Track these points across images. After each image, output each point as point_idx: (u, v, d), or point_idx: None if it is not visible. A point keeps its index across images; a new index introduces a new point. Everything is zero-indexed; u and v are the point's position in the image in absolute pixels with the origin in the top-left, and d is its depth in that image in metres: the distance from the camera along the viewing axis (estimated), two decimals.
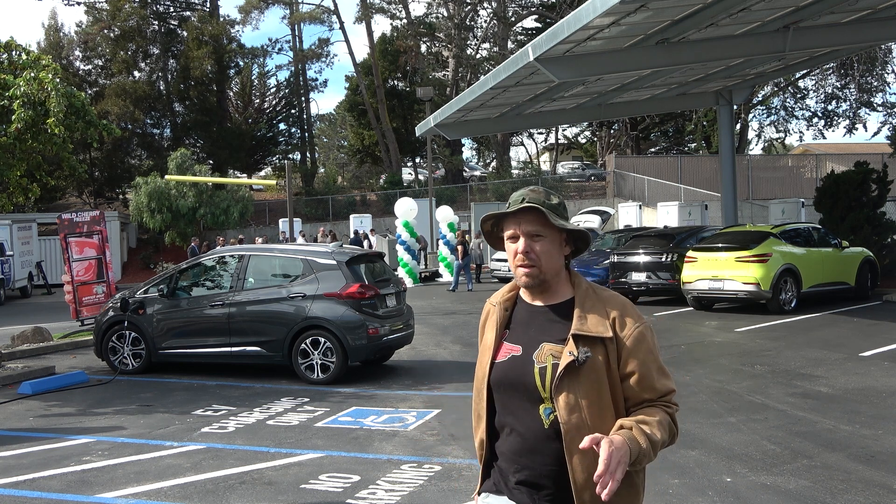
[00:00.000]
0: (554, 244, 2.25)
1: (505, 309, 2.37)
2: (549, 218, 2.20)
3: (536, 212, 2.22)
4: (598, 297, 2.27)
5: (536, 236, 2.23)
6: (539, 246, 2.23)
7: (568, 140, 52.41)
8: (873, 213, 18.33)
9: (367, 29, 41.24)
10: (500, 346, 2.31)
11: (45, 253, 29.08)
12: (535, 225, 2.22)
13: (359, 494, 5.39)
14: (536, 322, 2.28)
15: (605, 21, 11.88)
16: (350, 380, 9.41)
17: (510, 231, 2.27)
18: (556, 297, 2.30)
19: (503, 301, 2.38)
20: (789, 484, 5.35)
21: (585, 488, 2.12)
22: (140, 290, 10.46)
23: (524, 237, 2.23)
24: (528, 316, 2.31)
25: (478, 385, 2.35)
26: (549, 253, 2.24)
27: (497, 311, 2.37)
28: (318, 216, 36.58)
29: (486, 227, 2.37)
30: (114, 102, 36.15)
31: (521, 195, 2.25)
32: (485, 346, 2.37)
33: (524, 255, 2.23)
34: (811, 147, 46.23)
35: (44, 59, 10.67)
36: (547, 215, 2.20)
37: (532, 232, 2.23)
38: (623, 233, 20.47)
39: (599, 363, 2.17)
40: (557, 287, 2.30)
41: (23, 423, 7.82)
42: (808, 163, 38.36)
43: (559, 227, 2.23)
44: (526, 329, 2.29)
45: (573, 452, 2.12)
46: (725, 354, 10.43)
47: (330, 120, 62.22)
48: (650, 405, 2.22)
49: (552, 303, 2.30)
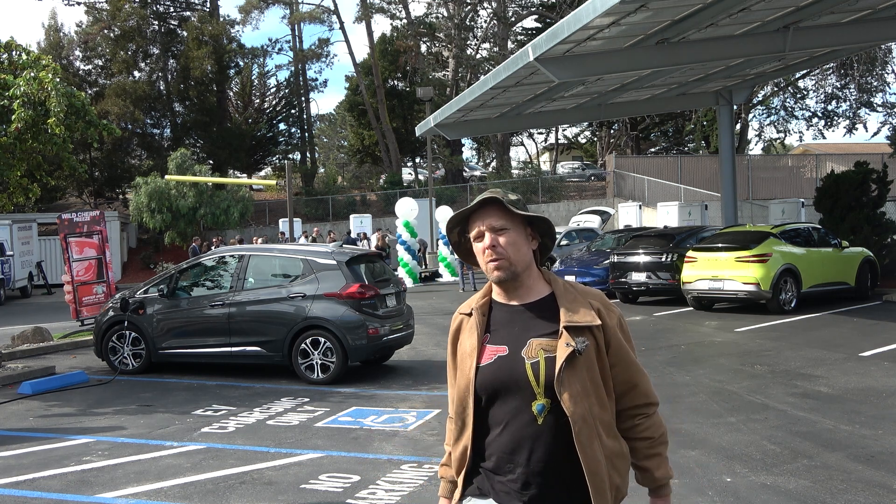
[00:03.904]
0: (520, 236, 2.28)
1: (482, 314, 2.36)
2: (510, 207, 2.25)
3: (497, 204, 2.27)
4: (576, 290, 2.32)
5: (501, 230, 2.26)
6: (504, 238, 2.26)
7: (568, 140, 52.43)
8: (873, 213, 18.32)
9: (367, 29, 41.26)
10: (483, 349, 2.29)
11: (45, 253, 29.08)
12: (499, 219, 2.27)
13: (359, 494, 5.39)
14: (518, 321, 2.29)
15: (605, 21, 11.89)
16: (350, 380, 9.41)
17: (475, 230, 2.30)
18: (533, 295, 2.32)
19: (479, 307, 2.37)
20: (789, 484, 5.35)
21: (598, 476, 2.16)
22: (140, 290, 10.46)
23: (489, 232, 2.27)
24: (508, 316, 2.32)
25: (461, 394, 2.32)
26: (515, 244, 2.27)
27: (475, 316, 2.35)
28: (318, 216, 36.57)
29: (453, 237, 2.40)
30: (114, 102, 36.13)
31: (481, 196, 2.31)
32: (463, 353, 2.35)
33: (492, 250, 2.26)
34: (811, 147, 46.24)
35: (44, 59, 10.66)
36: (506, 205, 2.25)
37: (496, 226, 2.26)
38: (623, 233, 20.44)
39: (592, 352, 2.23)
40: (532, 285, 2.32)
41: (23, 423, 7.82)
42: (808, 163, 38.35)
43: (522, 220, 2.29)
44: (509, 329, 2.29)
45: (584, 443, 2.16)
46: (725, 354, 10.43)
47: (330, 120, 62.23)
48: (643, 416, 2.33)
49: (529, 301, 2.31)
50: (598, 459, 2.16)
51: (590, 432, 2.17)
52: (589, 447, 2.16)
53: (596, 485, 2.16)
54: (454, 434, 2.37)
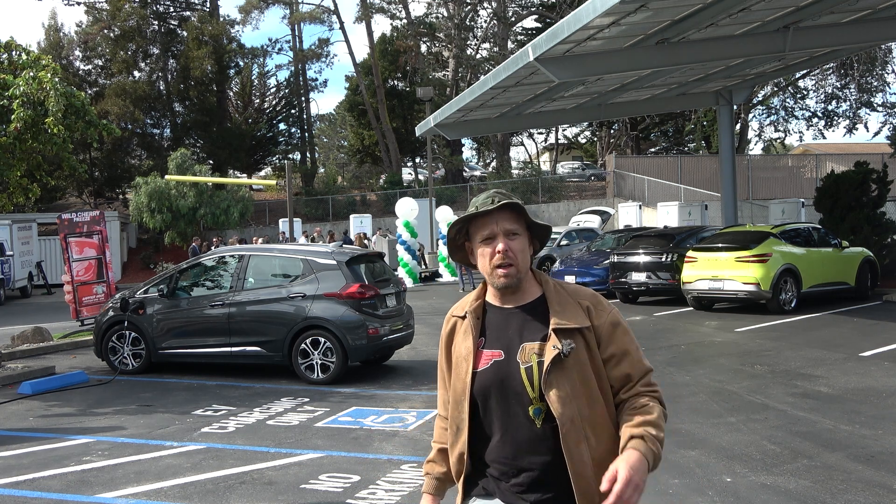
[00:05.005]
0: (525, 242, 2.29)
1: (477, 317, 2.34)
2: (524, 213, 2.25)
3: (514, 209, 2.26)
4: (566, 291, 2.31)
5: (513, 234, 2.25)
6: (515, 244, 2.26)
7: (568, 140, 52.42)
8: (873, 213, 18.32)
9: (367, 29, 41.27)
10: (479, 354, 2.28)
11: (45, 253, 29.07)
12: (513, 223, 2.26)
13: (359, 494, 5.39)
14: (512, 324, 2.29)
15: (605, 21, 11.89)
16: (350, 380, 9.41)
17: (486, 232, 2.26)
18: (526, 297, 2.31)
19: (473, 310, 2.35)
20: (789, 484, 5.35)
21: (584, 478, 2.15)
22: (140, 290, 10.46)
23: (502, 236, 2.24)
24: (503, 319, 2.31)
25: (457, 397, 2.31)
26: (524, 251, 2.27)
27: (469, 319, 2.34)
28: (318, 216, 36.57)
29: (451, 231, 2.36)
30: (114, 102, 36.13)
31: (490, 196, 2.27)
32: (459, 356, 2.33)
33: (503, 255, 2.24)
34: (811, 147, 46.23)
35: (44, 58, 10.65)
36: (524, 212, 2.25)
37: (510, 230, 2.25)
38: (623, 233, 20.44)
39: (583, 353, 2.21)
40: (526, 287, 2.32)
41: (23, 423, 7.82)
42: (808, 163, 38.34)
43: (526, 225, 2.28)
44: (503, 333, 2.28)
45: (570, 445, 2.15)
46: (725, 354, 10.43)
47: (330, 120, 62.22)
48: (639, 395, 2.24)
49: (523, 303, 2.31)
50: (584, 461, 2.15)
51: (577, 434, 2.15)
52: (575, 449, 2.15)
53: (581, 487, 2.15)
54: (450, 439, 2.36)
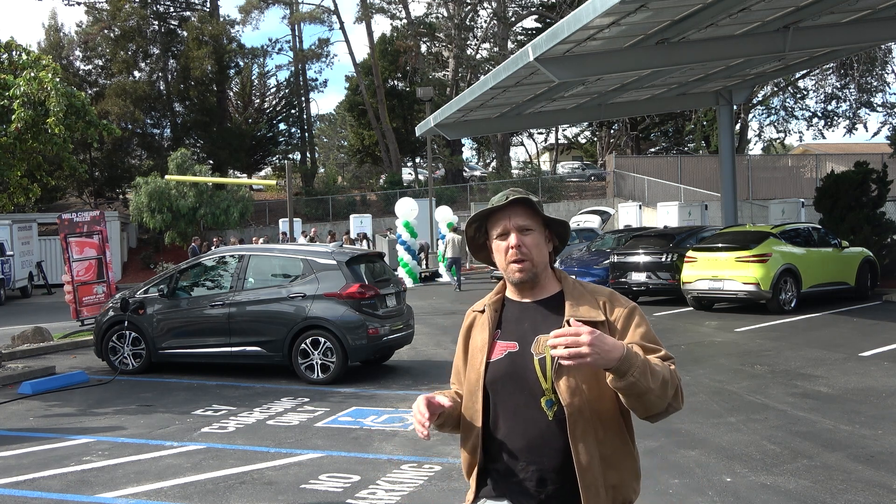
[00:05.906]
0: (541, 238, 2.32)
1: (495, 310, 2.39)
2: (537, 209, 2.29)
3: (525, 204, 2.30)
4: (585, 288, 2.35)
5: (526, 230, 2.29)
6: (529, 239, 2.29)
7: (568, 140, 52.44)
8: (873, 213, 18.32)
9: (367, 29, 41.29)
10: (494, 345, 2.33)
11: (45, 253, 29.07)
12: (525, 218, 2.29)
13: (359, 494, 5.39)
14: (528, 317, 2.32)
15: (605, 21, 11.88)
16: (350, 380, 9.41)
17: (499, 228, 2.31)
18: (545, 293, 2.35)
19: (492, 304, 2.41)
20: (789, 484, 5.35)
21: (589, 471, 2.16)
22: (140, 290, 10.46)
23: (515, 231, 2.28)
24: (519, 313, 2.35)
25: (471, 387, 2.35)
26: (538, 246, 2.30)
27: (487, 312, 2.39)
28: (318, 216, 36.58)
29: (470, 231, 2.41)
30: (114, 102, 36.14)
31: (505, 193, 2.32)
32: (474, 348, 2.38)
33: (516, 249, 2.27)
34: (811, 147, 46.24)
35: (44, 59, 10.66)
36: (536, 206, 2.29)
37: (522, 226, 2.28)
38: (623, 233, 20.45)
39: None
40: (545, 283, 2.35)
41: (23, 423, 7.82)
42: (808, 163, 38.34)
43: (543, 222, 2.32)
44: (519, 325, 2.32)
45: (576, 435, 2.17)
46: (725, 354, 10.43)
47: (330, 120, 62.25)
48: None
49: (541, 298, 2.34)
50: (590, 454, 2.16)
51: (585, 426, 2.17)
52: (582, 440, 2.16)
53: (586, 480, 2.16)
54: (463, 430, 2.39)
